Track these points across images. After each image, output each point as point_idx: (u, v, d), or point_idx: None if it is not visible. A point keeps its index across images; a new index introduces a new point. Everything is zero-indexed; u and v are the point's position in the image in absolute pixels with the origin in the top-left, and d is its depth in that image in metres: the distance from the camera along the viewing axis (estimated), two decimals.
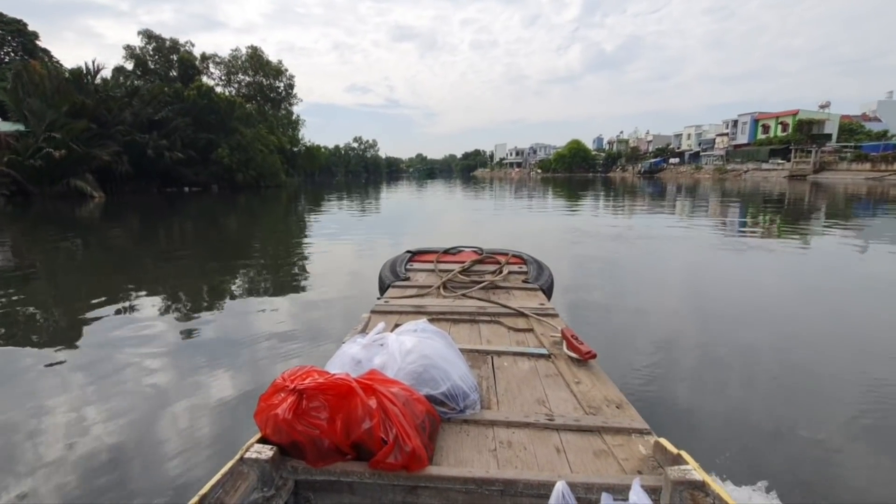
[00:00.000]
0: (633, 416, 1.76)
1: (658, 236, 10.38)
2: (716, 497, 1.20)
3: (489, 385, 2.04)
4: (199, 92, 33.58)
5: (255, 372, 3.46)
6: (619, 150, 79.06)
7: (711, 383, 3.28)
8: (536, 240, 9.85)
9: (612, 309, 5.01)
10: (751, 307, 5.02)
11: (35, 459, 2.39)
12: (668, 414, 2.82)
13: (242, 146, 34.36)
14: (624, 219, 14.42)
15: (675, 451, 1.38)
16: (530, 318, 2.90)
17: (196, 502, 1.18)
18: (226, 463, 1.36)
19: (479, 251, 4.83)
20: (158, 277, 6.85)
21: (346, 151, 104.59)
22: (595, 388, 1.99)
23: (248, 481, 1.33)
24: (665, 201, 21.88)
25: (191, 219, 16.18)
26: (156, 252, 9.17)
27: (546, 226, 13.10)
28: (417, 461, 1.38)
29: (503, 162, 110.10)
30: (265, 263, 7.95)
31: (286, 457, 1.45)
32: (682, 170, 57.22)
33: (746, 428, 2.68)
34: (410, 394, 1.56)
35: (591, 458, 1.52)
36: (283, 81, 46.87)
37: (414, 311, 3.03)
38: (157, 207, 20.37)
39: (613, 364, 3.29)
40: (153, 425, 2.76)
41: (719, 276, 6.68)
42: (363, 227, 13.31)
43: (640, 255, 8.19)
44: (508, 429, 1.69)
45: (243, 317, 4.87)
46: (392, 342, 1.84)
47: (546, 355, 2.35)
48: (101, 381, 3.32)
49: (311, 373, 1.48)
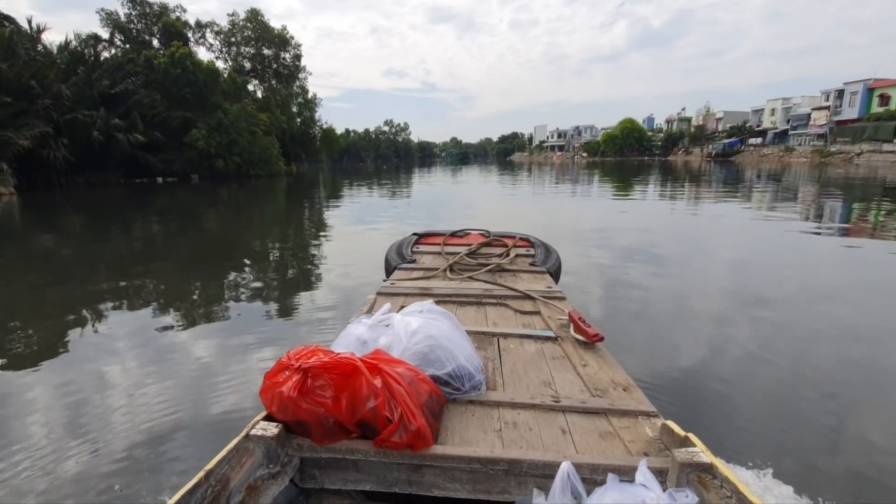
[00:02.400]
0: (639, 398, 1.75)
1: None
2: (724, 479, 1.18)
3: (495, 367, 2.03)
4: (172, 59, 27.20)
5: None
6: (681, 130, 66.07)
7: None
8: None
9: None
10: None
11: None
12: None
13: (224, 126, 28.15)
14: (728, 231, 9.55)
15: (683, 433, 1.36)
16: (537, 300, 2.88)
17: (202, 477, 1.19)
18: (232, 439, 1.37)
19: (486, 234, 4.79)
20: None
21: (377, 135, 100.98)
22: (602, 371, 1.98)
23: (253, 458, 1.34)
24: (763, 193, 16.14)
25: (126, 224, 12.08)
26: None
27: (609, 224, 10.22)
28: (422, 440, 1.37)
29: (543, 145, 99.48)
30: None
31: (291, 435, 1.46)
32: (765, 152, 45.54)
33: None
34: (416, 374, 1.56)
35: (596, 439, 1.51)
36: (289, 52, 40.17)
37: (420, 294, 3.02)
38: (103, 206, 16.37)
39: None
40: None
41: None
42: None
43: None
44: (514, 410, 1.69)
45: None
46: (398, 323, 1.83)
47: (553, 338, 2.33)
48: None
49: (317, 352, 1.47)
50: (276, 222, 12.73)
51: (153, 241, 9.74)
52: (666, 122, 74.20)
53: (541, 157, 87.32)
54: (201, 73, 28.35)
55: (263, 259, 7.72)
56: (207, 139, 27.71)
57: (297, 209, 15.84)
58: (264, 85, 40.03)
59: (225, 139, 28.53)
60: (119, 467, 2.26)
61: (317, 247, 8.69)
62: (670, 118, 72.28)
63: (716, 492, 1.16)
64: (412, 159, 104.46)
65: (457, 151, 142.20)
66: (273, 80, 40.19)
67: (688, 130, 64.42)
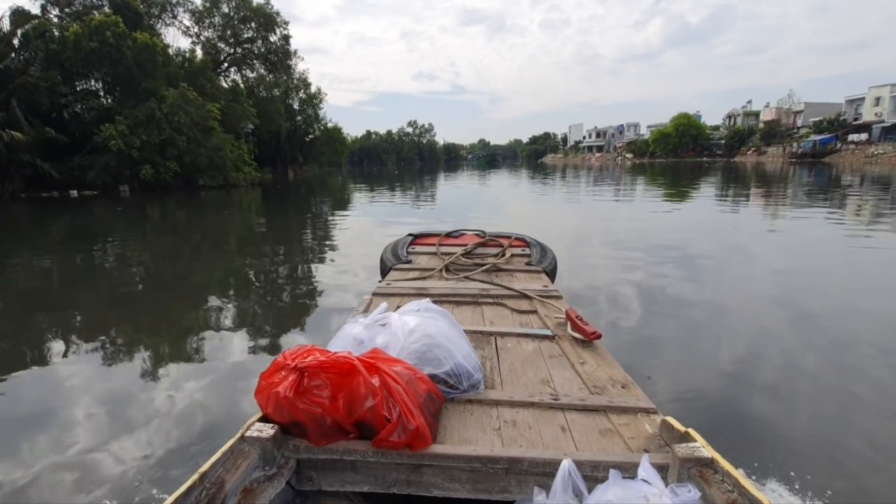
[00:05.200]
0: (638, 395, 1.74)
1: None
2: (725, 474, 1.17)
3: (493, 365, 2.02)
4: (86, 30, 20.05)
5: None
6: (749, 127, 55.38)
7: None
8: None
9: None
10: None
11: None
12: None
13: (156, 120, 20.78)
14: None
15: (683, 429, 1.35)
16: (534, 299, 2.87)
17: (196, 479, 1.17)
18: (226, 441, 1.34)
19: (481, 234, 4.78)
20: None
21: (400, 137, 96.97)
22: (600, 369, 1.97)
23: (248, 460, 1.32)
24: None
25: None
26: None
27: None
28: (421, 440, 1.36)
29: (580, 146, 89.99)
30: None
31: (288, 436, 1.43)
32: (873, 151, 35.34)
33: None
34: (414, 373, 1.54)
35: (596, 436, 1.50)
36: (276, 33, 32.93)
37: (416, 294, 3.01)
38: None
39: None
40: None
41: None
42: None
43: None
44: (513, 408, 1.68)
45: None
46: (395, 322, 1.81)
47: (550, 336, 2.32)
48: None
49: (313, 351, 1.45)
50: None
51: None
52: (726, 118, 63.33)
53: (577, 159, 78.88)
54: (130, 48, 20.31)
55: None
56: (127, 138, 20.01)
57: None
58: (248, 74, 33.65)
59: (155, 137, 20.66)
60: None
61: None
62: (732, 112, 61.64)
63: (717, 486, 1.16)
64: (437, 162, 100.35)
65: (484, 153, 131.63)
66: (262, 68, 33.96)
67: (756, 126, 54.16)
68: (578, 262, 6.49)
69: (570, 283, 4.98)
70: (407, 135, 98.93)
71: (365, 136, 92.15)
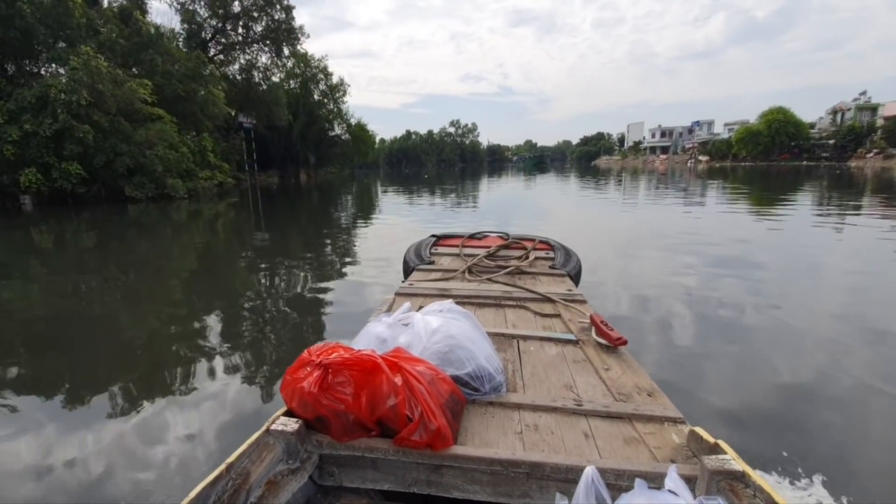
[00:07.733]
0: (665, 404, 1.69)
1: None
2: (757, 489, 1.13)
3: (515, 368, 2.00)
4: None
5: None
6: (865, 124, 44.43)
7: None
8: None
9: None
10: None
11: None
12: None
13: (50, 103, 14.41)
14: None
15: (713, 440, 1.31)
16: (557, 303, 2.83)
17: (223, 470, 1.20)
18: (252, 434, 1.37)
19: (504, 236, 4.75)
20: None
21: (441, 137, 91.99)
22: (625, 376, 1.92)
23: (273, 453, 1.35)
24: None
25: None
26: None
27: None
28: (442, 440, 1.36)
29: (640, 146, 79.09)
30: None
31: (311, 431, 1.45)
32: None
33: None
34: (436, 373, 1.54)
35: (621, 444, 1.47)
36: (275, 6, 26.75)
37: (438, 295, 3.01)
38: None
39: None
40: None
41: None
42: None
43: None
44: (535, 412, 1.66)
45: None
46: (418, 322, 1.82)
47: (574, 341, 2.29)
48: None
49: (337, 348, 1.47)
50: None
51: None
52: (833, 113, 51.21)
53: (637, 161, 67.24)
54: (28, 2, 14.66)
55: None
56: (1, 128, 14.05)
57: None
58: (244, 57, 27.68)
59: (46, 128, 14.31)
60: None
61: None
62: (839, 107, 50.00)
63: (748, 501, 1.11)
64: (479, 164, 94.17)
65: (531, 155, 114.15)
66: (263, 55, 28.35)
67: (872, 123, 43.45)
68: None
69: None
70: (449, 135, 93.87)
71: (405, 136, 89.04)
